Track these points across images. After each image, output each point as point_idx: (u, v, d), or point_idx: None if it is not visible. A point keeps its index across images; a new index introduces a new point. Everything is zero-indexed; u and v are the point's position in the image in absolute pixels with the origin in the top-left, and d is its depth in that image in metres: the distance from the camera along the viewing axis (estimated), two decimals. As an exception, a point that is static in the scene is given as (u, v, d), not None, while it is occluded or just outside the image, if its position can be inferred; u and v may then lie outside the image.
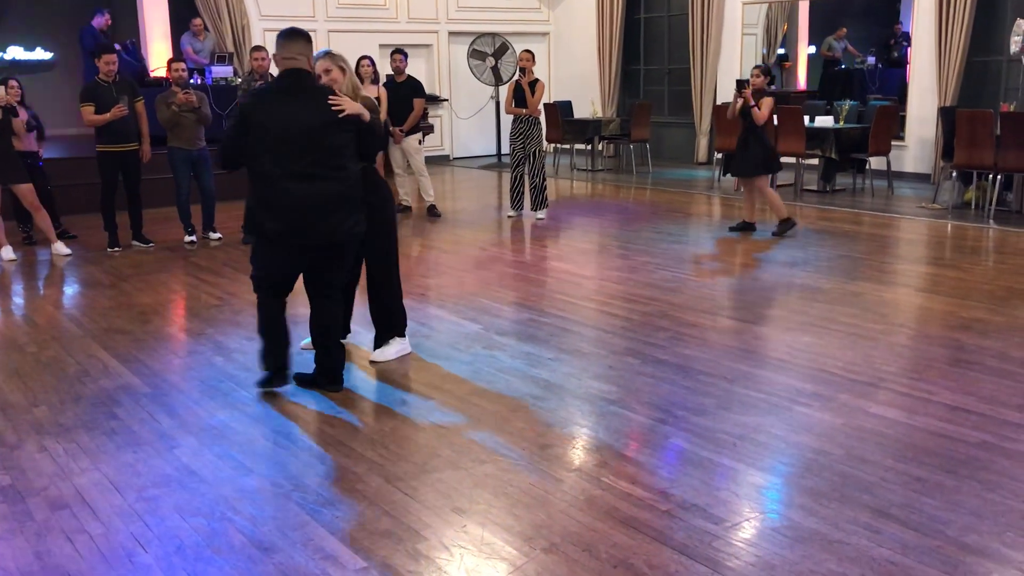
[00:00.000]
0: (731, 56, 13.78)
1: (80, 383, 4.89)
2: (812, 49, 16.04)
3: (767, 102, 8.27)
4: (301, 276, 4.68)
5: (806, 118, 10.84)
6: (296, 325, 5.04)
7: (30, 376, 5.03)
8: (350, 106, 4.37)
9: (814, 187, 11.24)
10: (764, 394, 4.48)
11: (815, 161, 11.19)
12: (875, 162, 11.03)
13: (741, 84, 8.37)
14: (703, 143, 14.09)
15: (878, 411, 4.23)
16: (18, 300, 7.07)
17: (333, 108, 4.32)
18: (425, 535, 3.20)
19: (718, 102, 13.23)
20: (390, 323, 5.15)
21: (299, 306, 5.14)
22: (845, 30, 15.60)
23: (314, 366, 4.74)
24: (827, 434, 3.98)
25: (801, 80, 16.11)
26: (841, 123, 10.96)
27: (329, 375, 4.69)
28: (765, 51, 15.24)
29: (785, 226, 8.43)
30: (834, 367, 4.85)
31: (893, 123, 11.07)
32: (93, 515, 3.39)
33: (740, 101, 8.33)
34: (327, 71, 4.64)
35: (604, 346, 5.37)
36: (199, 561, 3.07)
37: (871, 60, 15.66)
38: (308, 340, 5.07)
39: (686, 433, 4.04)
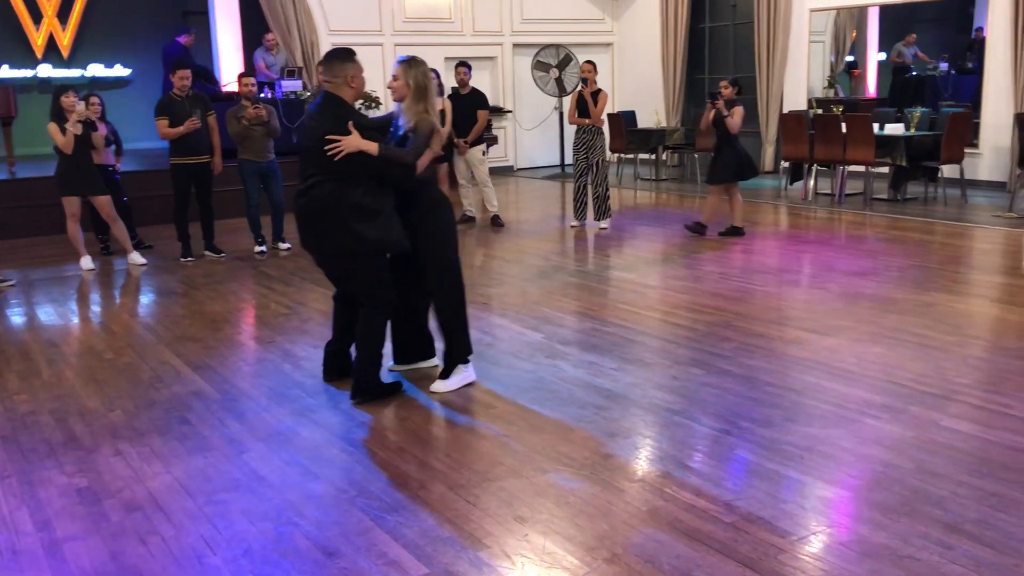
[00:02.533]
0: (798, 64, 13.60)
1: (154, 389, 5.03)
2: (882, 56, 15.72)
3: (738, 111, 8.69)
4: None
5: (876, 126, 10.63)
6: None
7: (106, 382, 5.19)
8: (350, 145, 4.37)
9: (884, 196, 11.00)
10: (832, 406, 4.40)
11: (885, 170, 10.97)
12: (948, 170, 10.77)
13: (713, 95, 8.81)
14: (769, 152, 13.91)
15: (951, 424, 4.12)
16: (96, 308, 7.30)
17: (328, 152, 4.37)
18: (487, 543, 3.21)
19: (785, 111, 13.06)
20: (450, 348, 4.84)
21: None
22: (915, 36, 15.25)
23: None
24: (897, 447, 3.89)
25: (871, 87, 15.79)
26: (912, 131, 10.72)
27: (352, 380, 4.78)
28: (833, 58, 14.99)
29: (734, 232, 8.87)
30: (905, 379, 4.74)
31: (966, 130, 10.78)
32: (165, 518, 3.48)
33: (713, 112, 8.74)
34: (394, 78, 4.64)
35: (668, 356, 5.33)
36: (266, 564, 3.13)
37: (944, 66, 15.29)
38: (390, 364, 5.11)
39: (751, 445, 3.99)
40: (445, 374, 4.86)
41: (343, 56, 4.59)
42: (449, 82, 10.92)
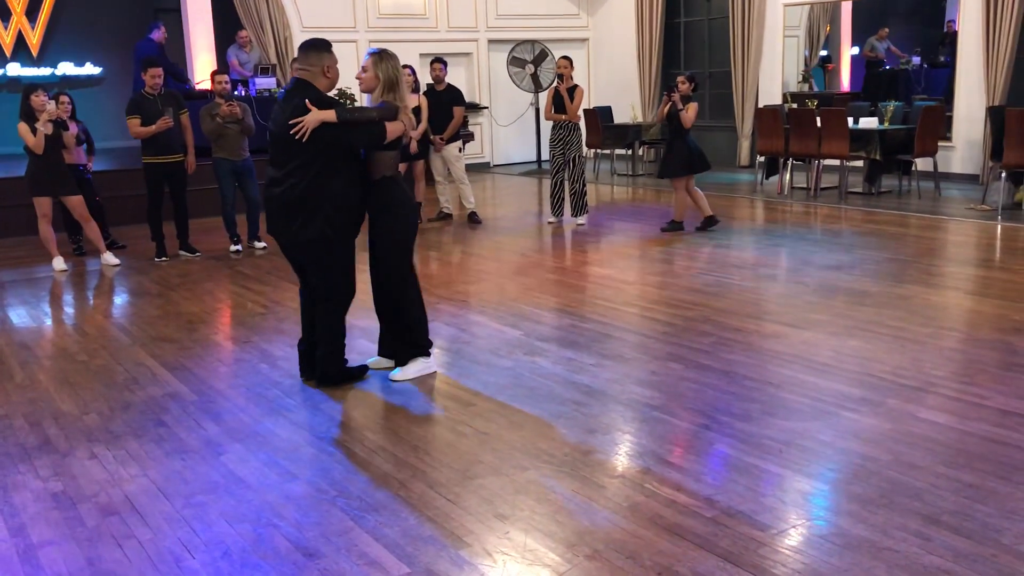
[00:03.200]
0: (773, 58, 13.67)
1: (129, 391, 4.97)
2: (855, 50, 15.83)
3: (693, 107, 8.80)
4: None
5: (850, 120, 10.70)
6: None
7: (80, 384, 5.12)
8: (311, 120, 4.41)
9: (859, 189, 11.08)
10: (810, 399, 4.42)
11: (859, 163, 11.04)
12: (921, 163, 10.85)
13: (670, 89, 8.95)
14: (745, 146, 13.98)
15: (928, 416, 4.15)
16: (68, 310, 7.21)
17: (292, 131, 4.43)
18: (468, 541, 3.20)
19: (760, 105, 13.12)
20: (410, 340, 4.95)
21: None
22: (887, 30, 15.37)
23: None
24: (875, 440, 3.92)
25: (845, 82, 15.91)
26: (886, 124, 10.80)
27: (317, 370, 4.90)
28: (807, 53, 15.08)
29: (711, 222, 8.99)
30: (882, 371, 4.77)
31: (939, 123, 10.88)
32: (142, 521, 3.44)
33: (668, 105, 8.87)
34: (363, 69, 4.69)
35: (646, 351, 5.33)
36: (245, 567, 3.10)
37: (916, 60, 15.42)
38: (374, 359, 5.15)
39: (731, 439, 4.00)
40: (403, 362, 4.98)
41: (320, 46, 4.65)
42: (424, 78, 10.88)
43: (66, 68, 14.57)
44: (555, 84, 9.60)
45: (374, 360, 5.15)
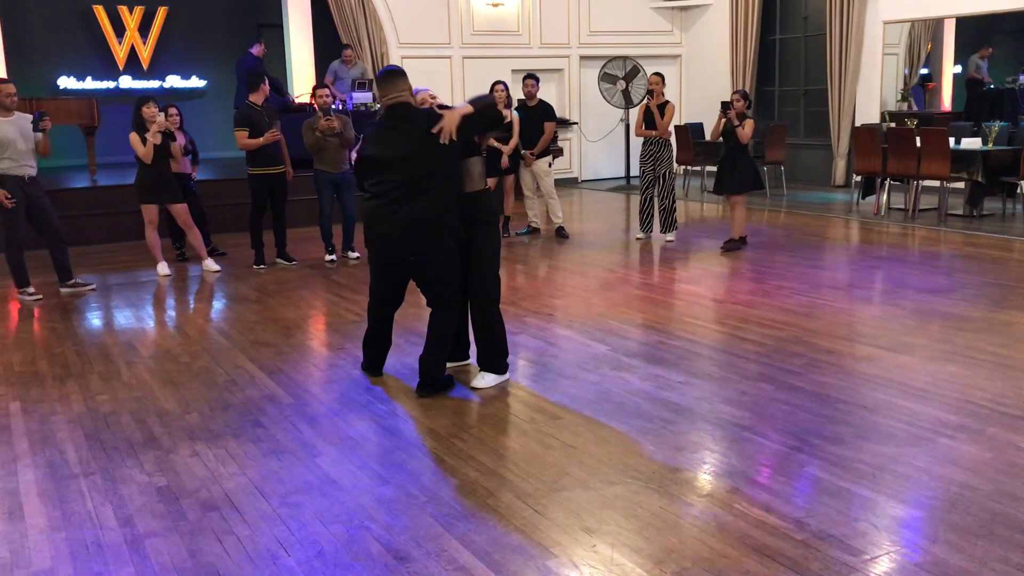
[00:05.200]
0: (871, 76, 13.39)
1: (228, 392, 5.16)
2: (958, 69, 15.37)
3: (749, 123, 8.86)
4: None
5: (951, 140, 10.40)
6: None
7: (183, 384, 5.33)
8: (451, 121, 4.71)
9: (959, 212, 10.75)
10: (905, 424, 4.32)
11: (960, 185, 10.72)
12: (1027, 186, 10.48)
13: (726, 106, 8.91)
14: (840, 165, 13.70)
15: (1031, 447, 4.02)
16: (171, 313, 7.51)
17: (435, 134, 4.70)
18: (555, 552, 3.23)
19: (857, 123, 12.86)
20: (498, 350, 5.15)
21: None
22: (990, 49, 14.89)
23: None
24: (974, 468, 3.81)
25: (945, 101, 15.44)
26: (990, 145, 10.46)
27: (421, 374, 5.04)
28: (907, 71, 14.72)
29: (738, 244, 9.07)
30: (982, 399, 4.63)
31: (1048, 144, 10.48)
32: (240, 518, 3.58)
33: (723, 122, 8.86)
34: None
35: (736, 371, 5.29)
36: (338, 567, 3.19)
37: (1023, 79, 14.88)
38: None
39: (822, 462, 3.94)
40: (487, 366, 5.15)
41: (402, 72, 5.01)
42: (516, 94, 10.99)
43: (173, 81, 15.20)
44: (646, 100, 9.61)
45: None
